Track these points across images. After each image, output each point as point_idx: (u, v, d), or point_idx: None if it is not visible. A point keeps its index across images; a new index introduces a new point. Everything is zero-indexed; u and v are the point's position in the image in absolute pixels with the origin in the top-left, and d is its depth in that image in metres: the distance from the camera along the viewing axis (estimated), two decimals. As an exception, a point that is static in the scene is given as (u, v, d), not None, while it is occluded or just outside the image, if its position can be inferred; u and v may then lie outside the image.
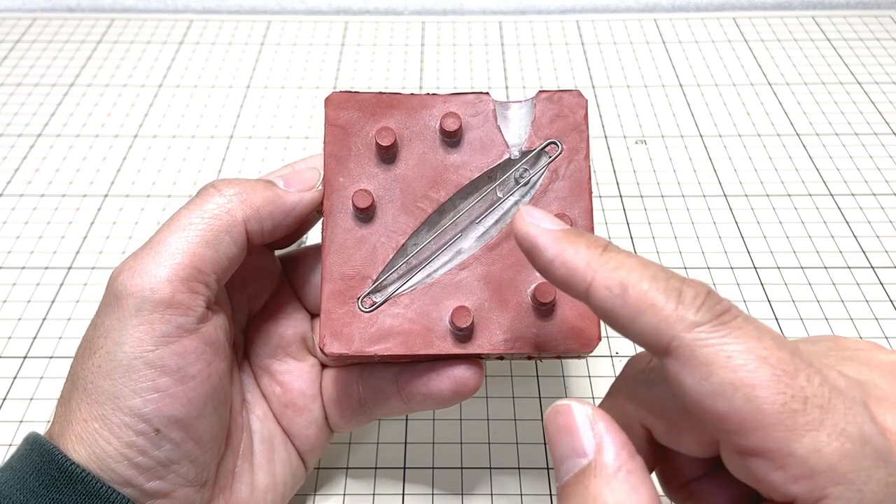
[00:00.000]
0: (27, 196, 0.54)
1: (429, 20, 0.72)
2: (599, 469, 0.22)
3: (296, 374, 0.34)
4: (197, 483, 0.29)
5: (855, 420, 0.20)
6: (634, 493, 0.22)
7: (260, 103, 0.62)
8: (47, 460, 0.27)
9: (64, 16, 0.72)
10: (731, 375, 0.20)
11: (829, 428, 0.20)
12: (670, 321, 0.21)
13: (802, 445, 0.20)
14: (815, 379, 0.21)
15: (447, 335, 0.30)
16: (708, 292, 0.22)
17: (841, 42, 0.68)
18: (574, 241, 0.24)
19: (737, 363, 0.21)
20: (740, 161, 0.56)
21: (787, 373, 0.20)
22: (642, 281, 0.22)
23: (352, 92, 0.32)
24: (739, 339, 0.21)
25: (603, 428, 0.23)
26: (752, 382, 0.20)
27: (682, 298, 0.22)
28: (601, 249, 0.24)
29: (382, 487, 0.38)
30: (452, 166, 0.32)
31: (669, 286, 0.22)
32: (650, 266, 0.23)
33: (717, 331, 0.21)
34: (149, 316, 0.27)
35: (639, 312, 0.22)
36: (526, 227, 0.25)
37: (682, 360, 0.21)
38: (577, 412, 0.23)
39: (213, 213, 0.29)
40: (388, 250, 0.31)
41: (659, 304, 0.22)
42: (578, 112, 0.32)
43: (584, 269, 0.23)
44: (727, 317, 0.21)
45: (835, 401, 0.20)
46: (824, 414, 0.20)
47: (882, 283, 0.47)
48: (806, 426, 0.20)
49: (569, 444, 0.23)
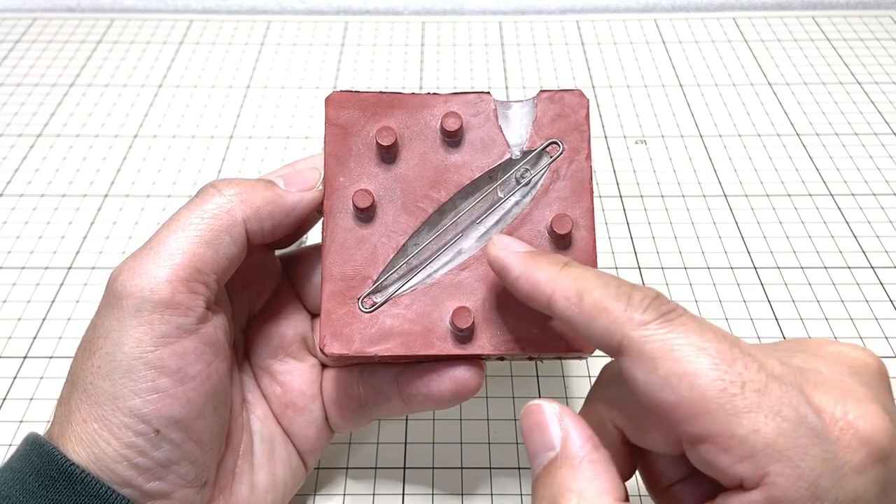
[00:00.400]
0: (27, 196, 0.54)
1: (429, 20, 0.72)
2: (564, 459, 0.24)
3: (296, 374, 0.34)
4: (197, 483, 0.29)
5: (790, 402, 0.22)
6: (596, 480, 0.24)
7: (260, 103, 0.62)
8: (47, 461, 0.27)
9: (64, 16, 0.72)
10: (676, 366, 0.22)
11: (766, 409, 0.21)
12: (620, 321, 0.24)
13: (742, 427, 0.21)
14: (753, 366, 0.22)
15: (448, 336, 0.30)
16: (656, 295, 0.24)
17: (841, 42, 0.68)
18: (537, 260, 0.27)
19: (680, 355, 0.22)
20: (740, 161, 0.56)
21: (726, 360, 0.22)
22: (596, 289, 0.25)
23: (352, 91, 0.32)
24: (682, 333, 0.23)
25: (569, 422, 0.25)
26: (693, 371, 0.22)
27: (630, 301, 0.24)
28: (561, 265, 0.26)
29: (382, 487, 0.38)
30: (453, 166, 0.32)
31: (620, 291, 0.24)
32: (604, 276, 0.25)
33: (662, 327, 0.23)
34: (148, 316, 0.27)
35: (593, 317, 0.24)
36: (496, 252, 0.28)
37: (633, 357, 0.23)
38: (546, 410, 0.26)
39: (213, 213, 0.29)
40: (389, 250, 0.31)
41: (610, 307, 0.24)
42: (580, 112, 0.32)
43: (546, 283, 0.26)
44: (672, 315, 0.23)
45: (771, 385, 0.22)
46: (761, 397, 0.22)
47: (882, 283, 0.47)
48: (745, 409, 0.21)
49: (539, 440, 0.25)
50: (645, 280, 0.48)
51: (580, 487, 0.23)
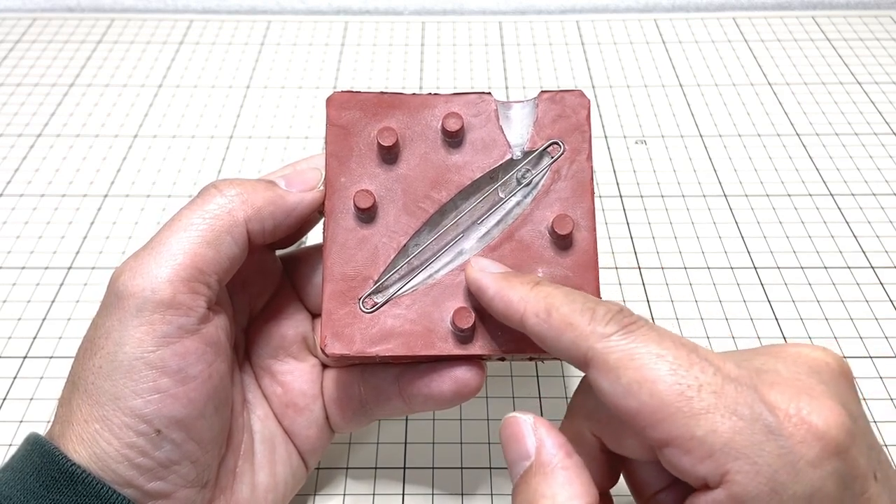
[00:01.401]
0: (27, 196, 0.54)
1: (429, 20, 0.72)
2: (539, 467, 0.25)
3: (297, 374, 0.34)
4: (198, 484, 0.29)
5: (745, 401, 0.22)
6: (568, 486, 0.25)
7: (260, 103, 0.62)
8: (48, 461, 0.27)
9: (64, 16, 0.72)
10: (636, 374, 0.23)
11: (722, 410, 0.22)
12: (585, 335, 0.25)
13: (700, 428, 0.22)
14: (709, 370, 0.23)
15: (448, 336, 0.30)
16: (619, 309, 0.25)
17: (841, 42, 0.68)
18: (510, 280, 0.28)
19: (640, 363, 0.23)
20: (740, 161, 0.56)
21: (683, 366, 0.23)
22: (563, 305, 0.26)
23: (353, 92, 0.32)
24: (643, 342, 0.24)
25: (543, 432, 0.26)
26: (652, 377, 0.23)
27: (594, 315, 0.25)
28: (532, 285, 0.28)
29: (382, 487, 0.38)
30: (454, 166, 0.32)
31: (585, 307, 0.26)
32: (571, 293, 0.27)
33: (624, 338, 0.24)
34: (150, 316, 0.27)
35: (561, 332, 0.26)
36: (473, 274, 0.30)
37: (598, 368, 0.24)
38: (522, 421, 0.27)
39: (215, 213, 0.29)
40: (390, 251, 0.31)
41: (575, 322, 0.25)
42: (581, 112, 0.32)
43: (518, 302, 0.27)
44: (633, 326, 0.24)
45: (727, 387, 0.23)
46: (717, 398, 0.22)
47: (882, 283, 0.47)
48: (702, 410, 0.22)
49: (516, 450, 0.26)
50: (645, 280, 0.48)
51: (553, 493, 0.24)
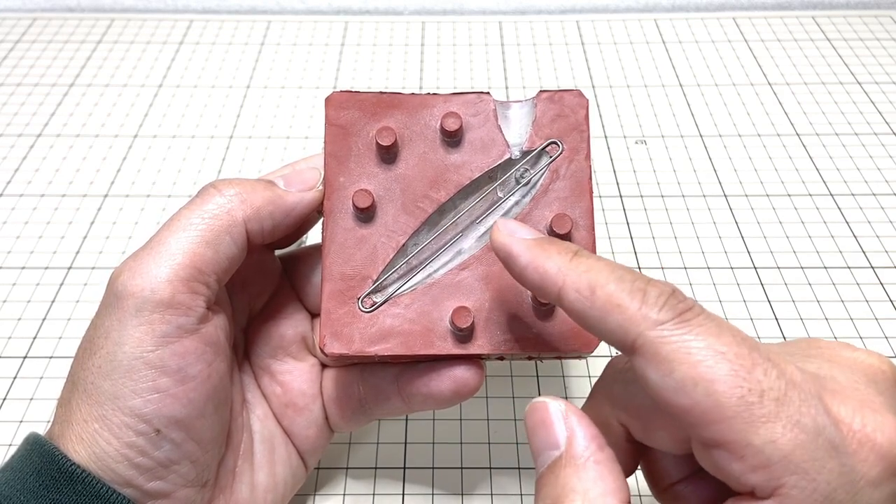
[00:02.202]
0: (27, 196, 0.54)
1: (429, 20, 0.72)
2: (569, 459, 0.24)
3: (296, 373, 0.34)
4: (197, 483, 0.29)
5: (809, 412, 0.21)
6: (601, 482, 0.23)
7: (260, 103, 0.62)
8: (47, 461, 0.27)
9: (64, 16, 0.72)
10: (692, 371, 0.21)
11: (784, 420, 0.21)
12: (635, 320, 0.23)
13: (759, 437, 0.21)
14: (772, 373, 0.21)
15: (447, 335, 0.30)
16: (672, 292, 0.23)
17: (841, 42, 0.68)
18: (546, 248, 0.26)
19: (697, 359, 0.21)
20: (740, 161, 0.56)
21: (745, 367, 0.21)
22: (609, 283, 0.24)
23: (352, 92, 0.32)
24: (700, 335, 0.22)
25: (574, 421, 0.24)
26: (710, 377, 0.21)
27: (646, 298, 0.23)
28: (571, 255, 0.25)
29: (382, 487, 0.38)
30: (453, 166, 0.32)
31: (634, 287, 0.23)
32: (617, 269, 0.24)
33: (678, 328, 0.22)
34: (149, 316, 0.27)
35: (606, 313, 0.23)
36: (501, 238, 0.27)
37: (647, 357, 0.22)
38: (551, 408, 0.25)
39: (214, 213, 0.29)
40: (389, 250, 0.31)
41: (624, 304, 0.23)
42: (579, 112, 0.32)
43: (556, 274, 0.25)
44: (689, 314, 0.22)
45: (790, 393, 0.21)
46: (780, 406, 0.21)
47: (882, 283, 0.47)
48: (762, 418, 0.21)
49: (544, 438, 0.25)
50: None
51: (584, 488, 0.23)
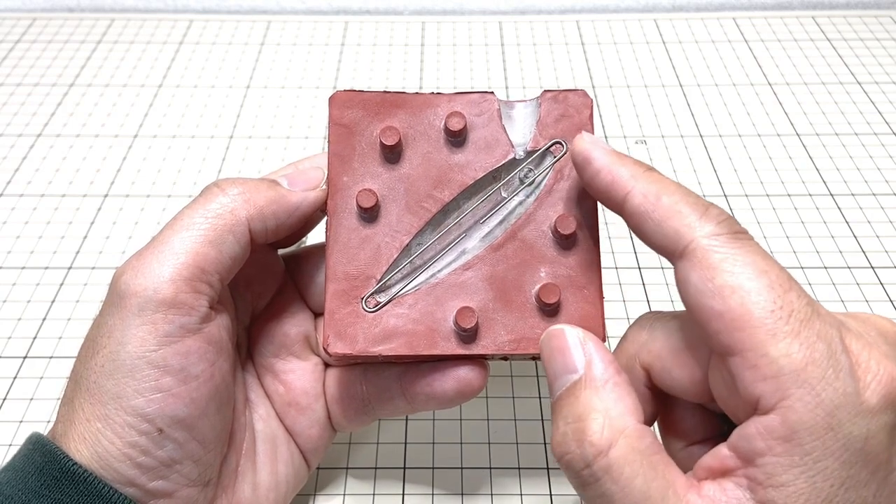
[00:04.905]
0: (27, 196, 0.54)
1: (429, 20, 0.72)
2: (589, 381, 0.25)
3: (299, 373, 0.34)
4: (200, 483, 0.29)
5: (827, 336, 0.23)
6: (620, 402, 0.25)
7: (260, 103, 0.62)
8: (49, 460, 0.27)
9: (64, 16, 0.72)
10: (733, 280, 0.23)
11: (804, 339, 0.22)
12: (692, 227, 0.25)
13: (777, 349, 0.22)
14: (804, 299, 0.23)
15: (451, 336, 0.30)
16: (730, 216, 0.25)
17: (841, 42, 0.68)
18: (624, 158, 0.28)
19: (739, 270, 0.23)
20: (740, 161, 0.56)
21: (783, 287, 0.23)
22: (675, 194, 0.26)
23: (356, 91, 0.32)
24: (748, 253, 0.24)
25: (592, 347, 0.26)
26: (748, 287, 0.23)
27: (707, 213, 0.25)
28: (645, 168, 0.27)
29: (382, 487, 0.38)
30: (457, 166, 0.32)
31: (698, 202, 0.25)
32: (684, 187, 0.26)
33: (730, 242, 0.24)
34: (152, 316, 0.27)
35: (667, 217, 0.25)
36: (583, 144, 0.29)
37: (694, 262, 0.24)
38: (569, 335, 0.27)
39: (217, 212, 0.29)
40: (393, 250, 0.31)
41: (685, 212, 0.25)
42: (584, 112, 0.32)
43: (627, 179, 0.27)
44: (743, 236, 0.25)
45: (814, 319, 0.23)
46: (803, 326, 0.22)
47: (882, 283, 0.47)
48: (785, 333, 0.22)
49: (561, 363, 0.26)
50: (645, 280, 0.48)
51: (605, 407, 0.25)
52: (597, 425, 0.24)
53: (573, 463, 0.24)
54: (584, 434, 0.24)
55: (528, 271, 0.31)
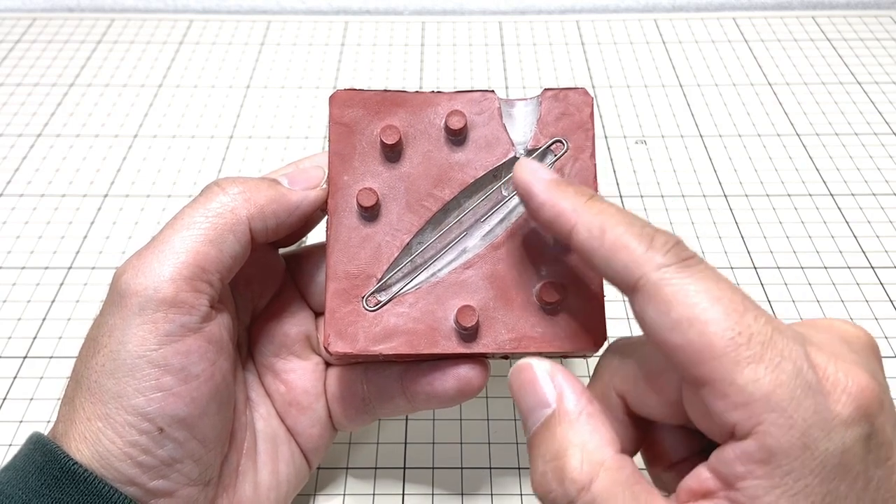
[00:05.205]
0: (27, 196, 0.54)
1: (429, 20, 0.72)
2: (563, 415, 0.25)
3: (300, 372, 0.34)
4: (200, 482, 0.29)
5: (790, 356, 0.22)
6: (596, 434, 0.24)
7: (260, 103, 0.62)
8: (50, 460, 0.27)
9: (64, 16, 0.72)
10: (688, 311, 0.23)
11: (768, 361, 0.22)
12: (640, 261, 0.24)
13: (742, 376, 0.22)
14: (761, 319, 0.23)
15: (452, 334, 0.30)
16: (677, 241, 0.25)
17: (841, 42, 0.68)
18: (563, 188, 0.27)
19: (694, 301, 0.23)
20: (740, 161, 0.56)
21: (738, 311, 0.23)
22: (619, 225, 0.25)
23: (356, 90, 0.32)
24: (699, 281, 0.23)
25: (562, 379, 0.26)
26: (705, 318, 0.23)
27: (653, 243, 0.24)
28: (587, 197, 0.27)
29: (382, 487, 0.38)
30: (457, 164, 0.32)
31: (643, 232, 0.25)
32: (629, 215, 0.26)
33: (680, 272, 0.24)
34: (152, 315, 0.27)
35: (614, 252, 0.25)
36: (523, 175, 0.28)
37: (647, 297, 0.24)
38: (537, 368, 0.26)
39: (217, 211, 0.29)
40: (393, 249, 0.31)
41: (631, 245, 0.24)
42: (584, 110, 0.32)
43: (570, 213, 0.26)
44: (691, 262, 0.24)
45: (776, 338, 0.22)
46: (765, 349, 0.22)
47: (882, 283, 0.47)
48: (748, 359, 0.22)
49: (533, 398, 0.26)
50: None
51: (582, 441, 0.24)
52: (575, 461, 0.24)
53: (557, 501, 0.24)
54: (563, 471, 0.24)
55: (529, 270, 0.31)
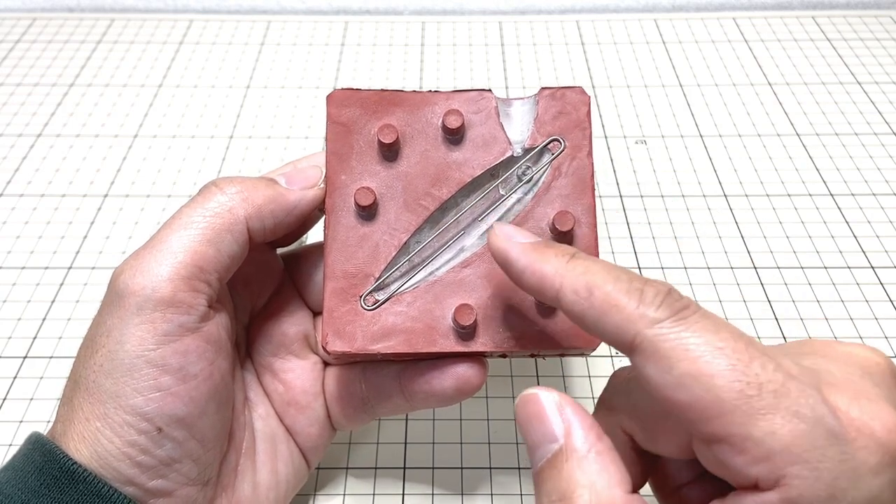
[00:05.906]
0: (27, 196, 0.54)
1: (429, 20, 0.72)
2: (570, 452, 0.24)
3: (298, 372, 0.34)
4: (199, 482, 0.29)
5: (807, 402, 0.21)
6: (605, 473, 0.23)
7: (260, 103, 0.62)
8: (49, 460, 0.27)
9: (64, 16, 0.72)
10: (691, 367, 0.22)
11: (783, 411, 0.21)
12: (632, 319, 0.23)
13: (759, 429, 0.21)
14: (770, 366, 0.22)
15: (450, 333, 0.30)
16: (668, 291, 0.23)
17: (841, 42, 0.68)
18: (543, 251, 0.26)
19: (695, 355, 0.22)
20: (740, 161, 0.56)
21: (743, 361, 0.22)
22: (606, 283, 0.24)
23: (354, 89, 0.32)
24: (697, 332, 0.22)
25: (570, 412, 0.24)
26: (709, 372, 0.21)
27: (643, 298, 0.23)
28: (568, 257, 0.26)
29: (382, 487, 0.38)
30: (455, 164, 0.32)
31: (632, 287, 0.24)
32: (614, 270, 0.25)
33: (676, 326, 0.22)
34: (150, 315, 0.27)
35: (604, 313, 0.24)
36: (499, 243, 0.27)
37: (646, 355, 0.23)
38: (544, 399, 0.25)
39: (215, 211, 0.29)
40: (391, 248, 0.31)
41: (622, 303, 0.23)
42: (581, 109, 0.32)
43: (553, 277, 0.25)
44: (686, 312, 0.23)
45: (788, 385, 0.21)
46: (778, 398, 0.21)
47: (882, 283, 0.47)
48: (761, 410, 0.21)
49: (540, 431, 0.24)
50: (645, 279, 0.47)
51: (590, 481, 0.23)
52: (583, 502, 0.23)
53: None
54: None
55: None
